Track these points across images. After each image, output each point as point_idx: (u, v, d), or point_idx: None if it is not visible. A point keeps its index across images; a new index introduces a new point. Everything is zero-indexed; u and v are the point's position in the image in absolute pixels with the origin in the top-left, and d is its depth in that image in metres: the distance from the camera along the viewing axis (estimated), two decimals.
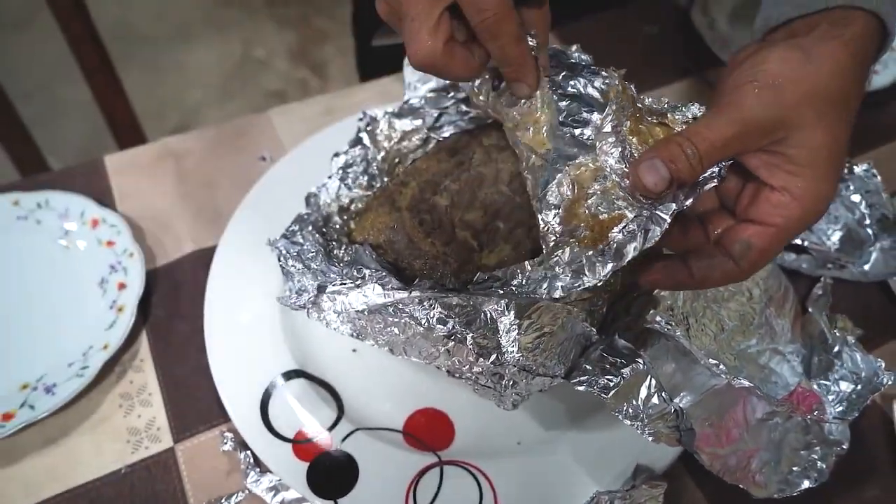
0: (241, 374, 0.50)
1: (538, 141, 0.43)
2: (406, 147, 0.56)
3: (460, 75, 0.41)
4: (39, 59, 1.95)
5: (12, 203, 0.59)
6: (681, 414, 0.42)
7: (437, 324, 0.40)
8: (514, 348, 0.40)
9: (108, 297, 0.54)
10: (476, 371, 0.41)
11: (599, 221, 0.39)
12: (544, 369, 0.42)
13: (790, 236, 0.39)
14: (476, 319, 0.40)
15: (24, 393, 0.50)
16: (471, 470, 0.47)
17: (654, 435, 0.41)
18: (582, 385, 0.42)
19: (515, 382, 0.42)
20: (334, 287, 0.42)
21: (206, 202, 0.62)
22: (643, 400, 0.41)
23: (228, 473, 0.48)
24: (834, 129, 0.37)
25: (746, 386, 0.41)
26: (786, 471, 0.43)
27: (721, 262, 0.39)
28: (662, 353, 0.44)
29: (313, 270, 0.44)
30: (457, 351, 0.41)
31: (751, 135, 0.37)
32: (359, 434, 0.48)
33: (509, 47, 0.40)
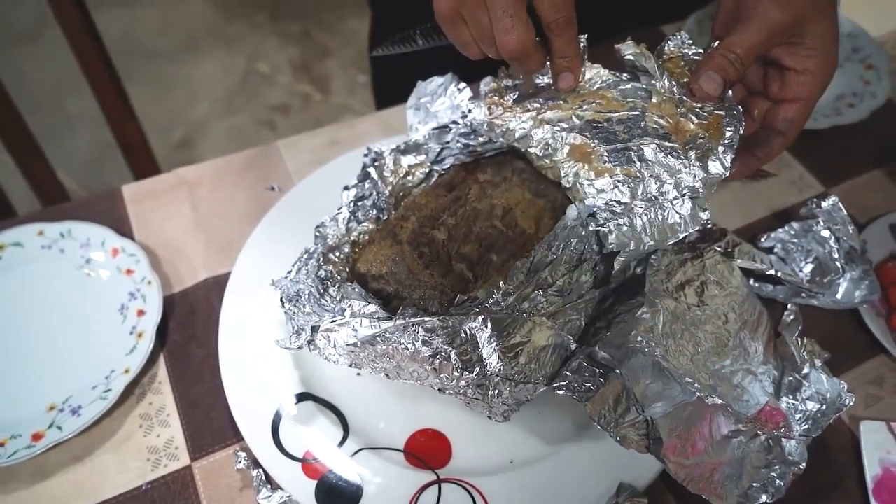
0: (254, 396, 0.54)
1: (615, 104, 0.53)
2: (410, 181, 0.60)
3: (536, 66, 0.50)
4: (47, 72, 1.99)
5: (37, 233, 0.63)
6: (651, 423, 0.46)
7: (422, 346, 0.44)
8: (494, 359, 0.44)
9: (127, 323, 0.58)
10: (463, 385, 0.45)
11: (709, 123, 0.50)
12: (525, 377, 0.46)
13: (815, 103, 0.52)
14: (457, 337, 0.44)
15: (52, 414, 0.53)
16: (467, 487, 0.50)
17: (623, 440, 0.45)
18: (562, 390, 0.46)
19: (500, 392, 0.46)
20: (326, 326, 0.46)
21: (218, 231, 0.66)
22: (617, 408, 0.46)
23: (242, 490, 0.52)
24: (831, 17, 0.49)
25: (717, 403, 0.45)
26: (746, 486, 0.47)
27: (775, 141, 0.53)
28: (641, 367, 0.47)
29: (307, 313, 0.48)
30: (443, 368, 0.45)
31: (776, 35, 0.48)
32: (363, 453, 0.51)
33: (572, 43, 0.50)
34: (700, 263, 0.54)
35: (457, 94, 0.61)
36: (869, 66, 0.78)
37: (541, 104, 0.55)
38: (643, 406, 0.46)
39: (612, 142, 0.51)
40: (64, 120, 1.90)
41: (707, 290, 0.53)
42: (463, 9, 0.49)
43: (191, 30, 2.19)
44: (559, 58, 0.51)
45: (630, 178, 0.49)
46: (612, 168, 0.50)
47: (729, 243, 0.58)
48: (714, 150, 0.49)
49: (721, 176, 0.48)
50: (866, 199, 0.69)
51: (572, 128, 0.53)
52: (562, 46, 0.50)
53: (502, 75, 0.59)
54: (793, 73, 0.51)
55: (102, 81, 0.96)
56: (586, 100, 0.54)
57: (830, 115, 0.74)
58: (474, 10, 0.48)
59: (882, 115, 0.74)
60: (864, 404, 0.56)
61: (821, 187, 0.70)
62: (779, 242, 0.62)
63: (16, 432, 0.52)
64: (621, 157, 0.50)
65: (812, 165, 0.72)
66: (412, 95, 0.63)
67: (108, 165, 1.81)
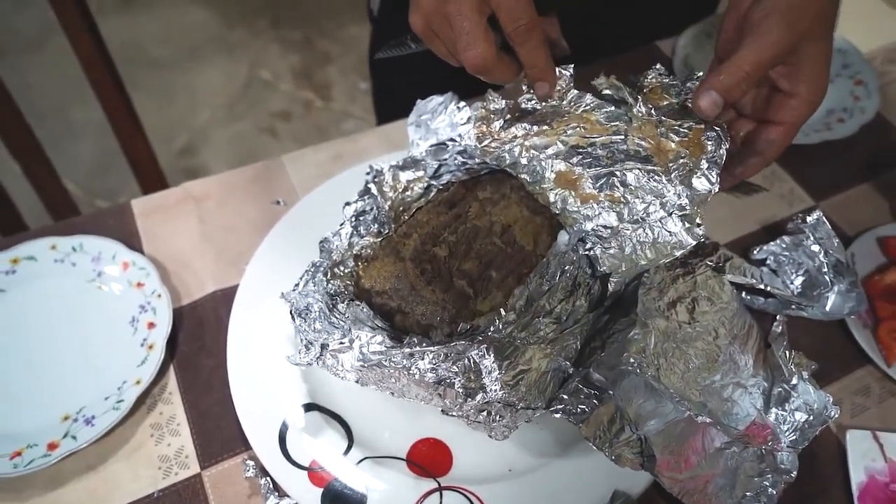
0: (261, 406, 0.56)
1: (598, 128, 0.55)
2: (409, 196, 0.61)
3: (504, 78, 0.51)
4: (51, 81, 2.01)
5: (50, 247, 0.65)
6: (644, 442, 0.47)
7: (427, 373, 0.46)
8: (496, 387, 0.46)
9: (138, 335, 0.60)
10: (466, 409, 0.47)
11: (689, 140, 0.52)
12: (525, 403, 0.48)
13: (798, 129, 0.51)
14: (461, 366, 0.46)
15: (66, 424, 0.55)
16: (467, 494, 0.52)
17: (618, 459, 0.47)
18: (559, 413, 0.48)
19: (502, 416, 0.48)
20: (335, 346, 0.48)
21: (225, 244, 0.68)
22: (612, 428, 0.48)
23: (250, 497, 0.53)
24: (828, 42, 0.49)
25: (707, 421, 0.47)
26: (739, 495, 0.49)
27: (752, 161, 0.52)
28: (633, 387, 0.49)
29: (317, 330, 0.50)
30: (447, 394, 0.47)
31: (783, 53, 0.47)
32: (367, 462, 0.53)
33: (537, 51, 0.49)
34: (692, 280, 0.56)
35: (456, 113, 0.63)
36: (858, 82, 0.80)
37: (527, 129, 0.57)
38: (636, 425, 0.48)
39: (596, 167, 0.53)
40: (68, 128, 1.92)
41: (698, 307, 0.55)
42: (433, 25, 0.50)
43: (192, 37, 2.21)
44: (528, 68, 0.51)
45: (614, 202, 0.51)
46: (597, 194, 0.52)
47: (721, 258, 0.60)
48: (697, 166, 0.51)
49: (709, 191, 0.50)
50: (855, 212, 0.71)
51: (557, 154, 0.55)
52: (526, 56, 0.50)
53: (490, 98, 0.60)
54: (782, 95, 0.50)
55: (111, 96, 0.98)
56: (570, 124, 0.56)
57: (821, 130, 0.76)
58: (441, 27, 0.49)
59: (871, 130, 0.76)
60: (850, 413, 0.58)
61: (811, 201, 0.72)
62: (771, 255, 0.64)
63: (32, 442, 0.54)
64: (605, 183, 0.52)
65: (802, 180, 0.74)
66: (413, 113, 0.65)
67: (111, 174, 1.83)
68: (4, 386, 0.58)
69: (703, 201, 0.51)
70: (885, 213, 0.71)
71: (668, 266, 0.56)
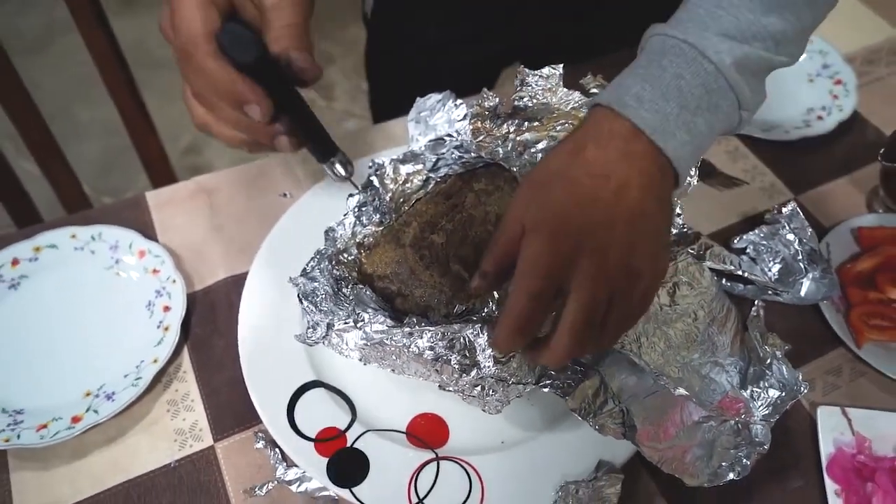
0: (270, 383, 0.59)
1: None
2: (409, 188, 0.65)
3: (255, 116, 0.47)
4: (57, 81, 2.04)
5: (70, 236, 0.68)
6: (626, 413, 0.51)
7: (426, 351, 0.50)
8: (489, 363, 0.50)
9: (155, 318, 0.64)
10: (462, 384, 0.51)
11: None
12: (516, 378, 0.51)
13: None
14: (456, 343, 0.50)
15: (89, 399, 0.59)
16: (462, 464, 0.56)
17: (602, 428, 0.51)
18: (547, 388, 0.51)
19: (495, 391, 0.52)
20: (340, 325, 0.52)
21: (235, 234, 0.72)
22: (596, 401, 0.52)
23: (260, 467, 0.57)
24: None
25: (683, 395, 0.51)
26: (716, 465, 0.53)
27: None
28: (617, 363, 0.53)
29: (323, 310, 0.54)
30: (444, 370, 0.51)
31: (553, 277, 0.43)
32: (369, 434, 0.57)
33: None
34: (673, 266, 0.60)
35: (453, 110, 0.66)
36: (838, 82, 0.84)
37: (518, 126, 0.61)
38: (619, 398, 0.52)
39: None
40: (73, 128, 1.96)
41: (679, 291, 0.59)
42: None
43: None
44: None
45: None
46: None
47: (702, 246, 0.64)
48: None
49: (688, 185, 0.54)
50: (832, 205, 0.75)
51: (547, 149, 0.59)
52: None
53: (484, 96, 0.64)
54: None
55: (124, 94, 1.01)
56: (559, 120, 0.60)
57: (801, 127, 0.80)
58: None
59: (849, 127, 0.80)
60: (822, 392, 0.62)
61: (790, 194, 0.76)
62: (750, 244, 0.68)
63: (57, 415, 0.58)
64: None
65: (782, 174, 0.78)
66: (413, 110, 0.69)
67: (116, 172, 1.86)
68: (30, 365, 0.61)
69: (681, 194, 0.55)
70: (861, 206, 0.75)
71: None
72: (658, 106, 0.42)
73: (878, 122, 0.83)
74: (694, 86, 0.42)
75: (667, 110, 0.42)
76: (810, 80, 0.86)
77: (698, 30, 0.43)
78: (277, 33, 0.45)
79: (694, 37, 0.43)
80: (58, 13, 0.96)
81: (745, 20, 0.43)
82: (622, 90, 0.43)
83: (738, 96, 0.44)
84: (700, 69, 0.42)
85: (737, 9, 0.43)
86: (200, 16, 0.42)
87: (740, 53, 0.43)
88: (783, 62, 0.46)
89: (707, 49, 0.42)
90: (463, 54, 0.90)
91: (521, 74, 0.64)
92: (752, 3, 0.43)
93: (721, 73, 0.42)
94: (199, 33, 0.42)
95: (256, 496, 0.55)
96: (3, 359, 0.62)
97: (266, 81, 0.42)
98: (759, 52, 0.43)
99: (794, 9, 0.44)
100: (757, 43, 0.43)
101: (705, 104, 0.43)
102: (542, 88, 0.63)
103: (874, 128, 0.82)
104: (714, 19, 0.43)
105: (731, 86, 0.43)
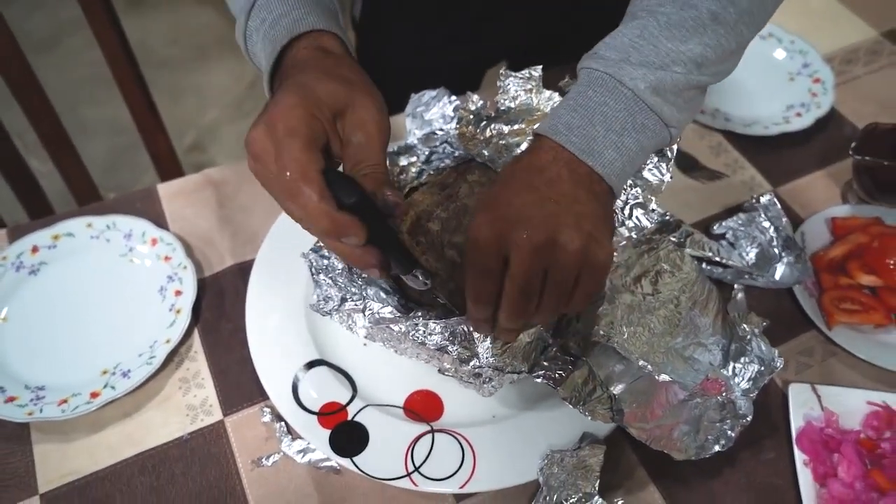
0: (276, 362, 0.63)
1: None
2: (404, 180, 0.69)
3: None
4: (64, 81, 2.08)
5: (86, 225, 0.72)
6: (614, 399, 0.55)
7: (429, 340, 0.54)
8: (488, 354, 0.54)
9: (167, 301, 0.68)
10: (461, 371, 0.55)
11: None
12: (512, 367, 0.55)
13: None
14: (457, 335, 0.54)
15: (106, 377, 0.63)
16: (456, 436, 0.60)
17: (591, 413, 0.54)
18: (540, 378, 0.55)
19: (491, 378, 0.56)
20: (352, 303, 0.56)
21: (242, 223, 0.75)
22: (585, 389, 0.55)
23: (267, 439, 0.61)
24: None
25: (667, 380, 0.54)
26: (702, 439, 0.56)
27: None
28: (604, 353, 0.57)
29: (338, 285, 0.58)
30: (444, 360, 0.54)
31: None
32: (369, 409, 0.61)
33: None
34: (655, 254, 0.63)
35: (448, 106, 0.70)
36: (816, 80, 0.88)
37: (501, 128, 0.65)
38: (607, 385, 0.56)
39: None
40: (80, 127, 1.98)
41: (661, 279, 0.62)
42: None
43: (201, 38, 2.29)
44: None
45: None
46: None
47: (683, 234, 0.68)
48: (648, 161, 0.58)
49: (661, 182, 0.58)
50: (808, 196, 0.79)
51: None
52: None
53: (469, 99, 0.68)
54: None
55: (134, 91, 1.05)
56: (538, 122, 0.63)
57: (780, 123, 0.84)
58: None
59: (826, 123, 0.84)
60: (795, 371, 0.66)
61: (769, 187, 0.80)
62: (729, 230, 0.72)
63: (76, 391, 0.62)
64: None
65: (762, 168, 0.82)
66: (409, 105, 0.73)
67: (122, 170, 1.90)
68: (51, 345, 0.65)
69: (656, 191, 0.59)
70: (836, 198, 0.79)
71: (634, 243, 0.63)
72: (585, 131, 0.46)
73: (854, 118, 0.86)
74: (617, 110, 0.47)
75: (593, 133, 0.46)
76: (791, 78, 0.89)
77: (618, 61, 0.48)
78: (366, 171, 0.48)
79: (613, 68, 0.47)
80: (65, 14, 1.00)
81: (664, 49, 0.47)
82: (556, 120, 0.48)
83: (660, 116, 0.48)
84: (620, 95, 0.47)
85: (656, 39, 0.47)
86: (309, 158, 0.44)
87: (653, 78, 0.47)
88: (709, 81, 0.49)
89: (623, 77, 0.47)
90: (449, 55, 0.93)
91: (504, 76, 0.67)
92: (671, 31, 0.47)
93: (638, 97, 0.47)
94: (310, 177, 0.44)
95: (263, 466, 0.59)
96: (25, 339, 0.66)
97: (361, 215, 0.46)
98: (675, 75, 0.47)
99: (716, 35, 0.48)
100: (677, 67, 0.47)
101: (630, 125, 0.47)
102: (524, 90, 0.67)
103: (850, 124, 0.86)
104: (635, 49, 0.48)
105: (649, 107, 0.47)
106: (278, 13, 0.52)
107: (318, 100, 0.46)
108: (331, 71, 0.49)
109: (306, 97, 0.46)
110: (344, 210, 0.44)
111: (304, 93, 0.46)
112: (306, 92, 0.46)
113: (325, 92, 0.47)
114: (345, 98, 0.48)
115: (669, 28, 0.47)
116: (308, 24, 0.51)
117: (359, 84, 0.49)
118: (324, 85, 0.47)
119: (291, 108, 0.45)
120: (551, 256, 0.44)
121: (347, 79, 0.49)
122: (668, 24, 0.47)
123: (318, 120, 0.46)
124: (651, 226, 0.65)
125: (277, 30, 0.51)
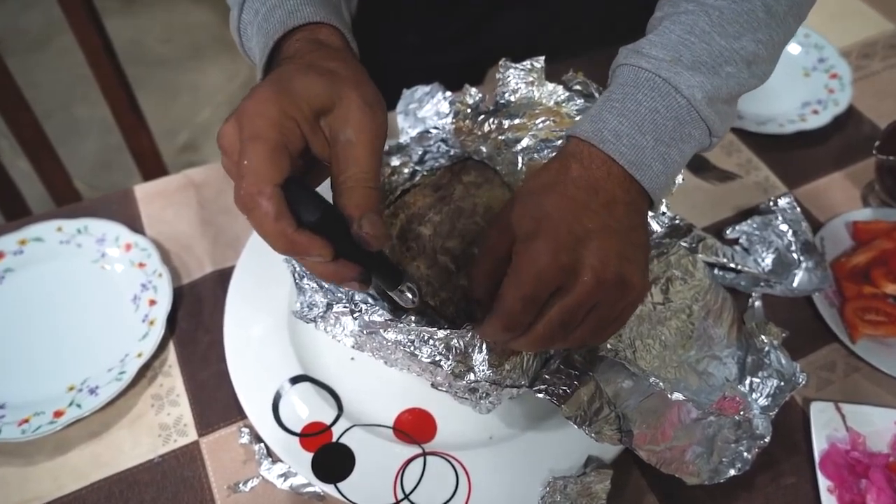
0: (256, 378, 0.59)
1: (567, 121, 0.59)
2: (396, 181, 0.65)
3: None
4: (56, 79, 2.05)
5: (56, 229, 0.68)
6: (622, 418, 0.50)
7: (421, 352, 0.49)
8: (484, 367, 0.49)
9: (140, 311, 0.63)
10: (455, 387, 0.50)
11: None
12: (511, 381, 0.50)
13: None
14: (451, 349, 0.49)
15: (72, 394, 0.58)
16: (449, 460, 0.55)
17: (598, 435, 0.50)
18: (542, 393, 0.50)
19: (488, 394, 0.51)
20: (339, 308, 0.51)
21: (223, 228, 0.71)
22: (591, 407, 0.50)
23: (245, 462, 0.56)
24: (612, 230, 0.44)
25: (680, 399, 0.50)
26: (716, 461, 0.52)
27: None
28: (612, 367, 0.52)
29: (324, 290, 0.53)
30: (438, 373, 0.50)
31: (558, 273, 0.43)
32: (355, 429, 0.56)
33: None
34: (665, 260, 0.59)
35: (442, 101, 0.66)
36: (833, 76, 0.83)
37: (500, 123, 0.61)
38: (615, 403, 0.51)
39: None
40: (72, 126, 1.96)
41: (672, 287, 0.58)
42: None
43: (194, 37, 2.25)
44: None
45: None
46: None
47: (694, 238, 0.63)
48: None
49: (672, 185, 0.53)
50: (827, 199, 0.74)
51: (528, 148, 0.58)
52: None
53: (467, 93, 0.63)
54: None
55: (114, 89, 1.01)
56: (541, 117, 0.59)
57: (796, 121, 0.79)
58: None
59: (844, 121, 0.79)
60: (816, 387, 0.61)
61: (785, 188, 0.75)
62: (743, 234, 0.68)
63: (39, 410, 0.57)
64: None
65: (777, 168, 0.77)
66: (401, 102, 0.69)
67: (114, 170, 1.86)
68: (12, 359, 0.61)
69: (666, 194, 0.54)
70: (856, 201, 0.74)
71: None
72: (635, 140, 0.44)
73: (873, 115, 0.82)
74: (667, 118, 0.44)
75: (642, 143, 0.44)
76: (806, 74, 0.85)
77: (671, 62, 0.44)
78: (351, 184, 0.41)
79: (666, 71, 0.44)
80: (57, 12, 0.95)
81: (717, 47, 0.44)
82: (601, 124, 0.45)
83: (709, 126, 0.46)
84: (673, 103, 0.44)
85: (708, 35, 0.44)
86: (270, 167, 0.38)
87: (710, 87, 0.44)
88: (754, 84, 0.47)
89: (680, 84, 0.44)
90: (445, 55, 0.90)
91: (503, 67, 0.63)
92: (724, 27, 0.44)
93: (693, 107, 0.44)
94: (266, 192, 0.38)
95: (240, 492, 0.55)
96: None
97: (329, 231, 0.40)
98: (729, 82, 0.45)
99: (767, 29, 0.46)
100: (729, 67, 0.45)
101: (678, 135, 0.45)
102: (525, 82, 0.63)
103: (869, 122, 0.81)
104: (686, 46, 0.44)
105: (702, 118, 0.45)
106: (272, 4, 0.47)
107: (294, 95, 0.40)
108: (316, 63, 0.43)
109: (280, 92, 0.40)
110: (305, 228, 0.39)
111: (279, 87, 0.41)
112: (282, 86, 0.41)
113: (303, 86, 0.41)
114: (328, 93, 0.41)
115: (722, 24, 0.44)
116: (304, 16, 0.46)
117: (348, 78, 0.43)
118: (304, 79, 0.41)
119: (262, 104, 0.40)
120: (609, 293, 0.43)
121: (333, 72, 0.42)
122: (721, 20, 0.44)
123: (292, 119, 0.40)
124: (661, 230, 0.60)
125: (271, 22, 0.46)
